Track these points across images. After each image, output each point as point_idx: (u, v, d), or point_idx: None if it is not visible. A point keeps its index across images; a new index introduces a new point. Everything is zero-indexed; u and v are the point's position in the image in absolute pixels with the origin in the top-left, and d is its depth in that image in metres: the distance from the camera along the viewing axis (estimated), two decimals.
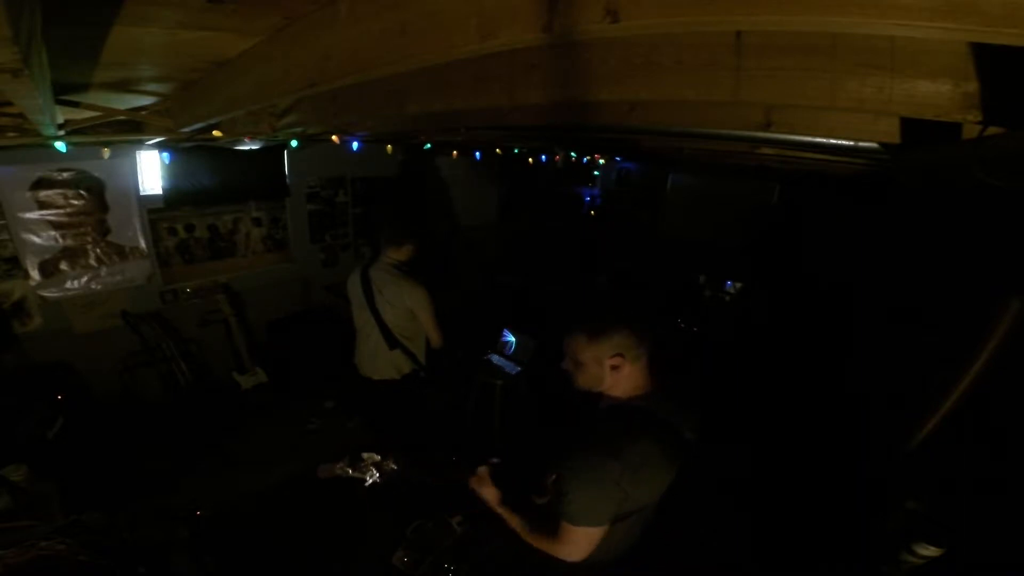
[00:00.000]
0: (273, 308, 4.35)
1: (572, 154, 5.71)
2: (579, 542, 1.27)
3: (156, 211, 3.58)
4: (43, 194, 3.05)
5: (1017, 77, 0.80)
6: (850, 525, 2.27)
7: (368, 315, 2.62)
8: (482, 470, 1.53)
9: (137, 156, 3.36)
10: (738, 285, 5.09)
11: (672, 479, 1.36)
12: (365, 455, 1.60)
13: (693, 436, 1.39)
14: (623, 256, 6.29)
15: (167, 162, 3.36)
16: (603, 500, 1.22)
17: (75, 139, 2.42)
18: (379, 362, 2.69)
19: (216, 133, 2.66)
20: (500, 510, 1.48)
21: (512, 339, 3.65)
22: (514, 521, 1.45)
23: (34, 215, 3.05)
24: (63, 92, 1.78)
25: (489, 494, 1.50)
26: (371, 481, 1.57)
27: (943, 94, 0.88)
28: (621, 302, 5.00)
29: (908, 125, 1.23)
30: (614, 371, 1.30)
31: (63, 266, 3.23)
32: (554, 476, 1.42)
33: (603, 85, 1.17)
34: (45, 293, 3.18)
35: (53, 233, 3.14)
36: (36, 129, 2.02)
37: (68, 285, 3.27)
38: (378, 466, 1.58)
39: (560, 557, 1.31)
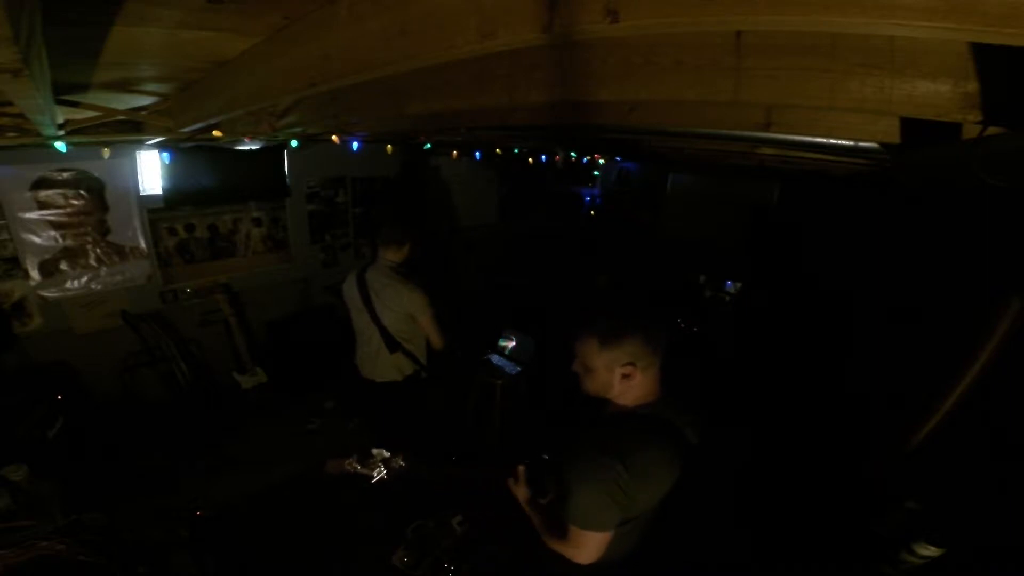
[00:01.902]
0: (273, 308, 4.35)
1: (572, 154, 5.71)
2: (588, 546, 1.26)
3: (156, 211, 3.58)
4: (43, 194, 3.05)
5: (1017, 77, 0.80)
6: (850, 525, 2.28)
7: (367, 319, 2.60)
8: (520, 469, 1.52)
9: (137, 156, 3.36)
10: (738, 285, 5.09)
11: (673, 483, 1.35)
12: (375, 451, 1.62)
13: (695, 440, 1.39)
14: (622, 258, 6.30)
15: (167, 162, 3.36)
16: (608, 505, 1.21)
17: (75, 139, 2.41)
18: (381, 365, 2.68)
19: (216, 133, 2.66)
20: (527, 508, 1.48)
21: (512, 339, 3.65)
22: (536, 520, 1.45)
23: (34, 215, 3.05)
24: (63, 92, 1.77)
25: (521, 493, 1.50)
26: (378, 477, 1.58)
27: (943, 94, 0.88)
28: (635, 305, 4.98)
29: (908, 125, 1.23)
30: (624, 379, 1.27)
31: (63, 266, 3.23)
32: (554, 477, 1.42)
33: (603, 85, 1.17)
34: (45, 293, 3.18)
35: (53, 233, 3.14)
36: (36, 129, 2.02)
37: (68, 285, 3.27)
38: (387, 462, 1.59)
39: (572, 559, 1.31)
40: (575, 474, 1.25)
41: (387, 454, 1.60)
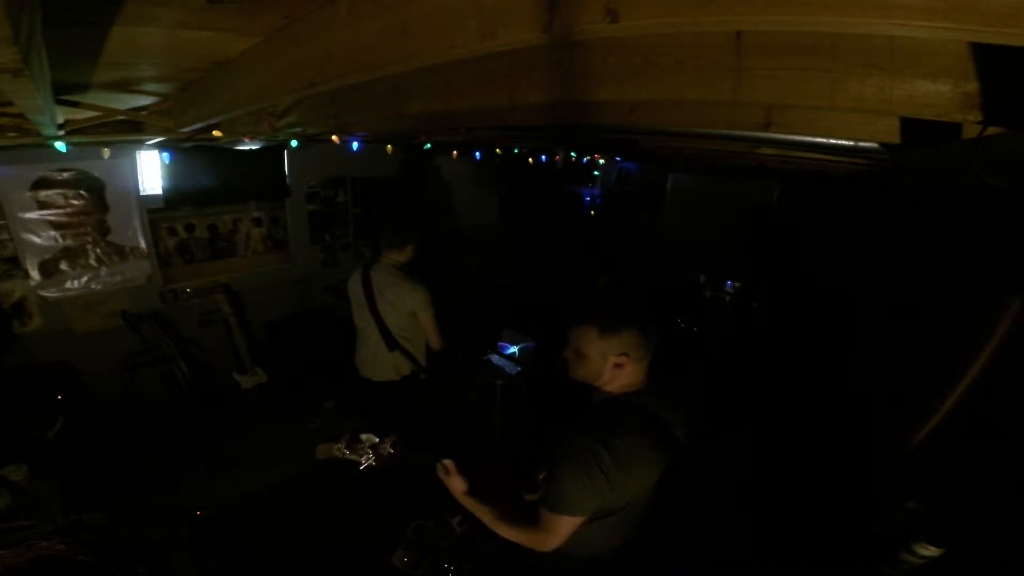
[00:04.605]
0: (273, 308, 4.35)
1: (572, 154, 5.70)
2: (556, 530, 1.27)
3: (156, 211, 3.58)
4: (43, 194, 3.05)
5: (1017, 77, 0.80)
6: (850, 525, 2.28)
7: (368, 316, 2.61)
8: (448, 462, 1.50)
9: (137, 156, 3.36)
10: (738, 285, 5.09)
11: (660, 475, 1.36)
12: (363, 436, 1.59)
13: (683, 433, 1.40)
14: (622, 258, 6.29)
15: (167, 162, 3.36)
16: (588, 489, 1.22)
17: (75, 139, 2.41)
18: (379, 363, 2.69)
19: (216, 133, 2.66)
20: (465, 501, 1.46)
21: (512, 340, 3.65)
22: (480, 511, 1.44)
23: (34, 215, 3.05)
24: (63, 92, 1.77)
25: (456, 485, 1.47)
26: (367, 464, 1.56)
27: (943, 94, 0.88)
28: (633, 300, 4.98)
29: (908, 125, 1.23)
30: (616, 368, 1.30)
31: (63, 266, 3.23)
32: (544, 473, 1.42)
33: (603, 85, 1.17)
34: (45, 293, 3.18)
35: (53, 233, 3.14)
36: (36, 129, 2.02)
37: (68, 285, 3.27)
38: (375, 449, 1.57)
39: (533, 547, 1.31)
40: (558, 457, 1.27)
41: (376, 439, 1.58)
